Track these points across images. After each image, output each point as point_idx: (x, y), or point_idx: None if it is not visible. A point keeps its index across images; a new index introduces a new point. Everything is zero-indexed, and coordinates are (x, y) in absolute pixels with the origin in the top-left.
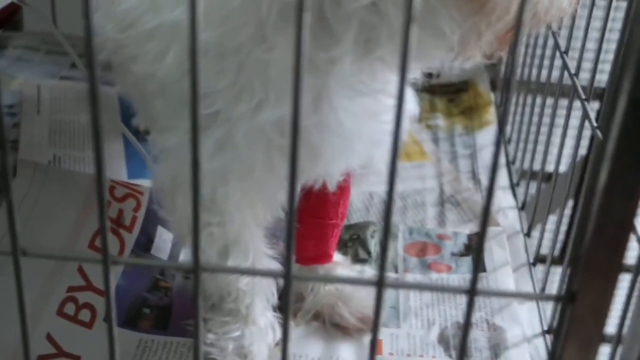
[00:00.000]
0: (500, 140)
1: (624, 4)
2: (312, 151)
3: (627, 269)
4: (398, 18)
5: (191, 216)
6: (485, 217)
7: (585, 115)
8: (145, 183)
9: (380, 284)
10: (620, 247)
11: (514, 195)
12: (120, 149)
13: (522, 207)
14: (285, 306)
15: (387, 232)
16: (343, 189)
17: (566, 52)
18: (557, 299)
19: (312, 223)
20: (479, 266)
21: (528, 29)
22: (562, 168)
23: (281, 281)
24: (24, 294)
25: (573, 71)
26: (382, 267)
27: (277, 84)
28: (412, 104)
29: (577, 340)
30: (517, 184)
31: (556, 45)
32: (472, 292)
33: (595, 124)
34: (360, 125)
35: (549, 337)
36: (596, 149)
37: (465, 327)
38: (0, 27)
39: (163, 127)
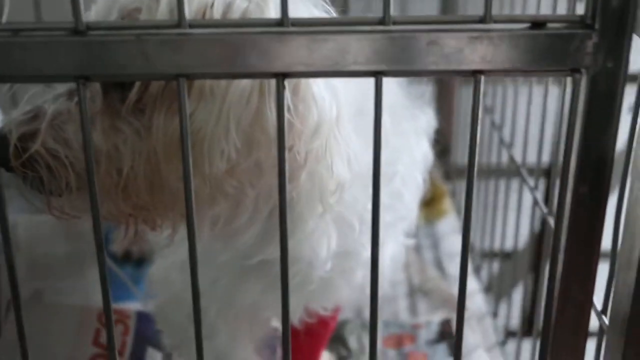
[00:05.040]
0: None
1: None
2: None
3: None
4: None
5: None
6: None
7: (534, 201)
8: (128, 305)
9: None
10: (582, 326)
11: (478, 278)
12: None
13: (487, 289)
14: None
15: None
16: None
17: (511, 144)
18: None
19: (305, 340)
20: None
21: None
22: (513, 245)
23: None
24: None
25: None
26: None
27: None
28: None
29: None
30: (480, 268)
31: (501, 141)
32: None
33: (544, 209)
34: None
35: None
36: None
37: None
38: None
39: None
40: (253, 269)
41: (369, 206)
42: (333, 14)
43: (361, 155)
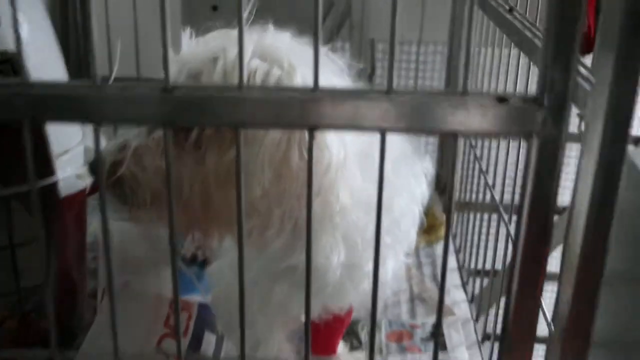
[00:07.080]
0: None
1: None
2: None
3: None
4: None
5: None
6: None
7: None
8: (192, 297)
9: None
10: (531, 330)
11: (465, 291)
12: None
13: (471, 300)
14: None
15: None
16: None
17: (493, 185)
18: None
19: (324, 333)
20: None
21: None
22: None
23: None
24: None
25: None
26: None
27: None
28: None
29: None
30: (467, 283)
31: (486, 183)
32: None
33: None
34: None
35: None
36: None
37: None
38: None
39: None
40: (282, 274)
41: (370, 228)
42: (348, 80)
43: (364, 187)
